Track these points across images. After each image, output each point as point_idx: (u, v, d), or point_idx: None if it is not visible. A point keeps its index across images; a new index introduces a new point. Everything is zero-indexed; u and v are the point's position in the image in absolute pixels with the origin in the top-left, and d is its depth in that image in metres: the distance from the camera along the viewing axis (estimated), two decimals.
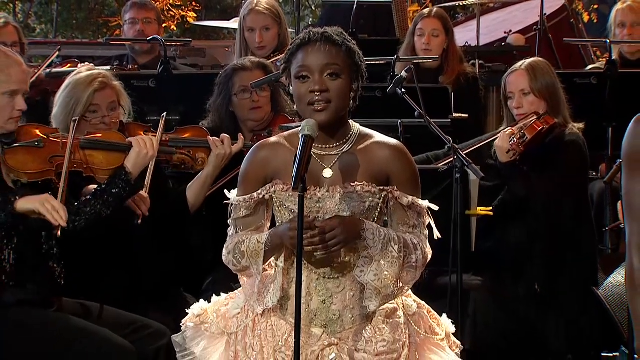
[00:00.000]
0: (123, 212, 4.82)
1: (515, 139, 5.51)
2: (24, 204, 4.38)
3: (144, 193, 4.92)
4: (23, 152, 4.59)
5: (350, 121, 3.69)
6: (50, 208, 4.33)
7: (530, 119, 5.58)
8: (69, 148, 4.64)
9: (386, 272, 3.59)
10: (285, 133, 3.73)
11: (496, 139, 5.63)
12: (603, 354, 5.84)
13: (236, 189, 3.75)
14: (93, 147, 4.76)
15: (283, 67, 3.67)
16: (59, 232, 4.37)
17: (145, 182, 4.94)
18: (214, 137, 5.27)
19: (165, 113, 5.20)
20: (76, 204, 4.66)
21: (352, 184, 3.61)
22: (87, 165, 4.74)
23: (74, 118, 4.80)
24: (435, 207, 3.71)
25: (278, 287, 3.66)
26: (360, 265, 3.61)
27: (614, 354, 5.80)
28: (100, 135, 4.85)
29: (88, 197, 4.70)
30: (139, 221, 4.89)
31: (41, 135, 4.69)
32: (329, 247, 3.55)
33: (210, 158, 5.24)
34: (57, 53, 6.82)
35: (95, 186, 4.77)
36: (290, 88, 3.65)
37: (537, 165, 5.56)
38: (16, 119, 4.54)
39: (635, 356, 3.15)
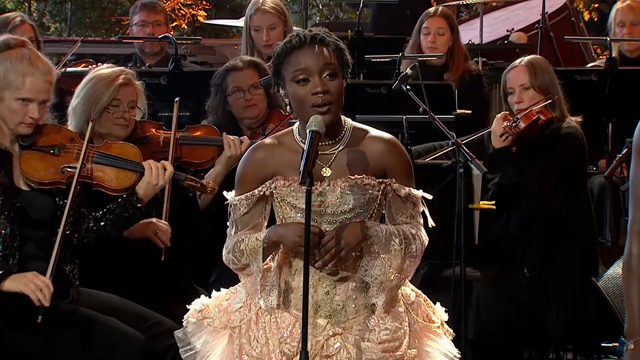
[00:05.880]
0: (146, 245, 4.92)
1: (508, 122, 5.59)
2: (10, 284, 4.34)
3: (164, 224, 4.95)
4: (37, 158, 4.55)
5: (342, 117, 3.69)
6: (34, 287, 4.29)
7: (528, 109, 5.64)
8: (82, 157, 4.60)
9: (389, 266, 3.61)
10: (278, 133, 3.73)
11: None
12: (603, 344, 5.93)
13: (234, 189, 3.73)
14: (106, 162, 4.69)
15: (274, 70, 3.65)
16: (39, 319, 4.29)
17: (164, 210, 4.99)
18: (229, 137, 5.32)
19: (178, 98, 5.25)
20: (90, 217, 4.67)
21: (351, 177, 3.62)
22: (96, 181, 4.67)
23: (92, 118, 4.82)
24: (429, 196, 3.73)
25: (275, 290, 3.67)
26: (364, 265, 3.63)
27: (614, 344, 5.90)
28: (116, 149, 4.79)
29: (99, 214, 4.68)
30: (162, 257, 4.94)
31: (59, 141, 4.63)
32: (334, 257, 3.58)
33: (221, 158, 5.29)
34: (79, 44, 6.86)
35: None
36: (281, 90, 3.65)
37: (531, 154, 5.61)
38: (28, 125, 4.50)
39: (623, 339, 3.23)
